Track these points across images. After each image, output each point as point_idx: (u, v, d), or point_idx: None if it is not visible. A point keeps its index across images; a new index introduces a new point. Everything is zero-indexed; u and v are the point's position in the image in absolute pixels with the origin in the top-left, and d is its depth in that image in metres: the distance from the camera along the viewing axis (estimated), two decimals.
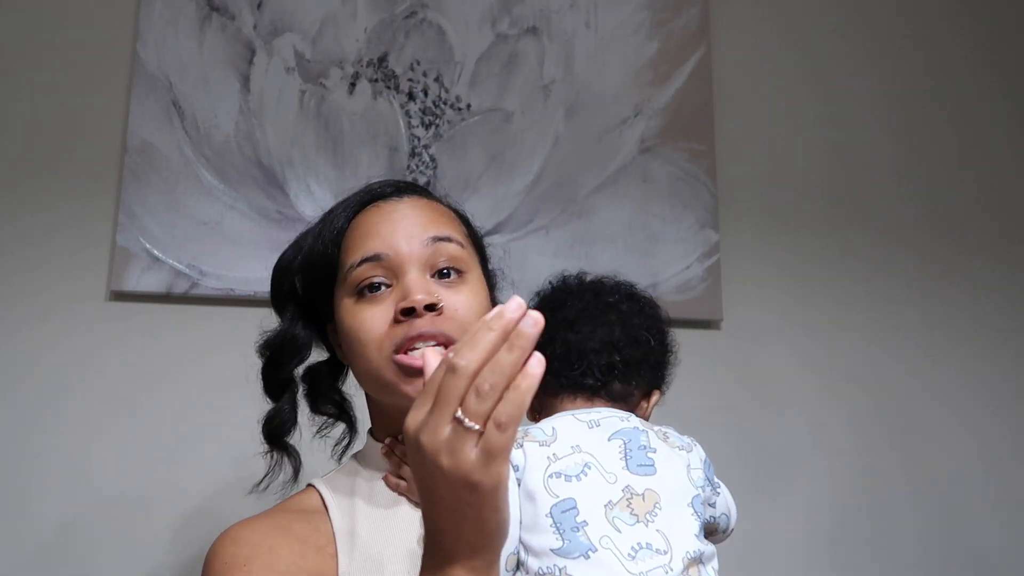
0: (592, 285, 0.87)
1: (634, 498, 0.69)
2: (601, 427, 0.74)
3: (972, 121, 1.71)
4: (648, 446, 0.73)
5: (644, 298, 0.87)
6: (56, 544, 1.25)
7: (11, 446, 1.28)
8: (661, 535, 0.68)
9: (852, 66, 1.68)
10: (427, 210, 0.82)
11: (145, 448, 1.30)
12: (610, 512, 0.68)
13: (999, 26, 1.76)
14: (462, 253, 0.81)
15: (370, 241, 0.79)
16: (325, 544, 0.76)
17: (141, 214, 1.35)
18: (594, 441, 0.73)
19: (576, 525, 0.67)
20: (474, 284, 0.81)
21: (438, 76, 1.49)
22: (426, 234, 0.79)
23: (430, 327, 0.74)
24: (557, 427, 0.74)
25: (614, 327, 0.82)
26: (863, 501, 1.51)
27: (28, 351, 1.31)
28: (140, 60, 1.39)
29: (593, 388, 0.80)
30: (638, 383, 0.81)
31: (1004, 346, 1.62)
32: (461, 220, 0.88)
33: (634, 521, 0.68)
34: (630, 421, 0.76)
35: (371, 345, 0.76)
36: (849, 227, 1.62)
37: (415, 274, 0.77)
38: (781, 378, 1.53)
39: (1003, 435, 1.58)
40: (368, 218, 0.82)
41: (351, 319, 0.78)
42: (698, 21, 1.59)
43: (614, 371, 0.80)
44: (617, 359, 0.80)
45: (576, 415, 0.76)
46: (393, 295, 0.77)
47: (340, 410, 0.90)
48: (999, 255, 1.66)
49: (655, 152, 1.54)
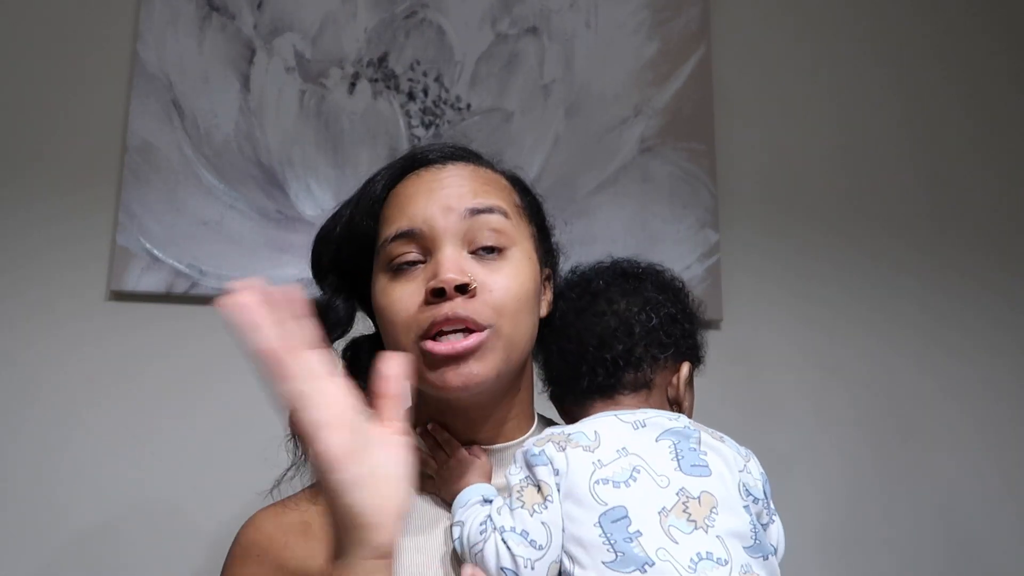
0: (579, 280, 0.82)
1: (690, 502, 0.64)
2: (648, 427, 0.69)
3: (973, 116, 1.70)
4: (699, 447, 0.68)
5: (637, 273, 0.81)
6: (55, 544, 1.25)
7: (11, 446, 1.27)
8: (721, 542, 0.63)
9: (852, 65, 1.68)
10: (471, 179, 0.76)
11: (145, 448, 1.30)
12: (665, 520, 0.63)
13: (1000, 25, 1.76)
14: (505, 225, 0.74)
15: (405, 214, 0.74)
16: None
17: (141, 214, 1.35)
18: (641, 442, 0.68)
19: (629, 536, 0.62)
20: (517, 261, 0.74)
21: (438, 76, 1.49)
22: (464, 206, 0.73)
23: (459, 310, 0.69)
24: (600, 430, 0.69)
25: (607, 318, 0.76)
26: (865, 500, 1.51)
27: (28, 351, 1.31)
28: (140, 60, 1.39)
29: (608, 386, 0.75)
30: (652, 365, 0.76)
31: (1008, 345, 1.62)
32: (515, 187, 0.81)
33: (692, 528, 0.63)
34: (679, 420, 0.71)
35: (400, 327, 0.71)
36: (850, 226, 1.62)
37: (449, 250, 0.71)
38: (781, 378, 1.53)
39: (1007, 435, 1.58)
40: (406, 188, 0.76)
41: (383, 297, 0.74)
42: (698, 21, 1.59)
43: (619, 363, 0.74)
44: (620, 348, 0.74)
45: (619, 416, 0.71)
46: (425, 272, 0.72)
47: None
48: (1002, 254, 1.66)
49: (655, 152, 1.54)
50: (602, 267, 0.83)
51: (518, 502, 0.66)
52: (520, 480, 0.68)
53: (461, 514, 0.70)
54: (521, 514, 0.65)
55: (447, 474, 0.75)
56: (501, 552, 0.64)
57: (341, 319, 0.80)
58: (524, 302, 0.73)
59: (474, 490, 0.72)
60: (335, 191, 1.38)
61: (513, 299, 0.72)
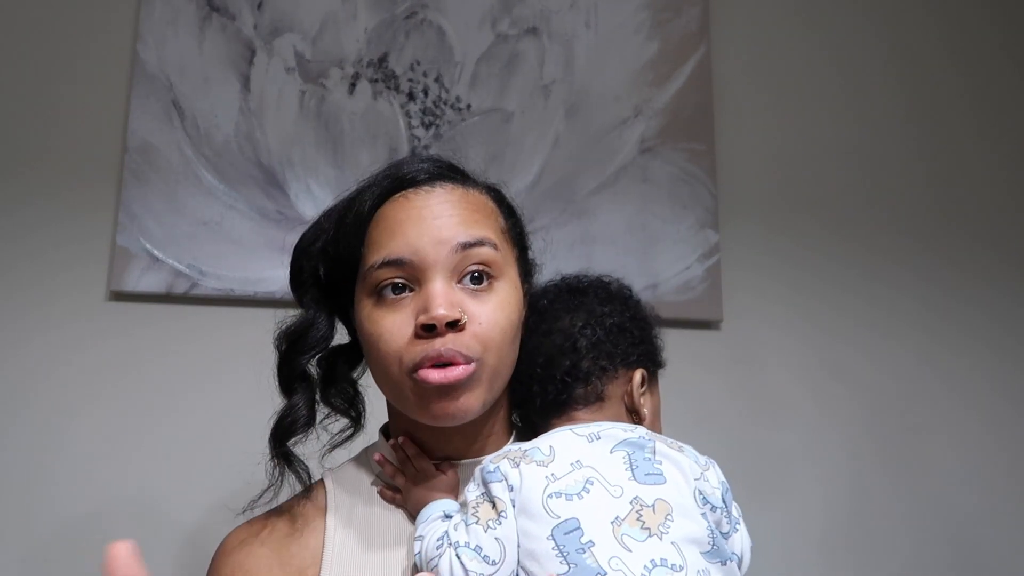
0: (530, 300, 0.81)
1: (644, 509, 0.64)
2: (602, 439, 0.70)
3: (974, 117, 1.71)
4: (654, 456, 0.69)
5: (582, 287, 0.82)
6: (54, 544, 1.25)
7: (10, 446, 1.28)
8: (676, 548, 0.63)
9: (852, 66, 1.68)
10: (460, 205, 0.75)
11: (145, 449, 1.30)
12: (618, 529, 0.63)
13: (999, 26, 1.76)
14: (494, 257, 0.74)
15: (394, 241, 0.73)
16: (308, 565, 0.75)
17: (141, 214, 1.35)
18: (596, 455, 0.68)
19: (581, 547, 0.62)
20: (504, 291, 0.75)
21: (438, 76, 1.49)
22: (456, 239, 0.72)
23: (450, 346, 0.70)
24: (555, 444, 0.70)
25: (553, 336, 0.77)
26: (863, 502, 1.51)
27: (28, 351, 1.31)
28: (140, 60, 1.39)
29: (560, 403, 0.76)
30: (601, 378, 0.76)
31: (1009, 342, 1.62)
32: (500, 207, 0.81)
33: (645, 536, 0.63)
34: (635, 432, 0.71)
35: (390, 358, 0.72)
36: (850, 226, 1.62)
37: (439, 284, 0.71)
38: (781, 378, 1.53)
39: (1009, 432, 1.58)
40: (394, 212, 0.75)
41: (370, 325, 0.74)
42: (698, 21, 1.59)
43: (567, 379, 0.75)
44: (567, 364, 0.76)
45: (575, 429, 0.72)
46: (414, 302, 0.72)
47: (350, 404, 0.84)
48: (1003, 251, 1.66)
49: (655, 152, 1.54)
50: (549, 286, 0.84)
51: (473, 518, 0.67)
52: (476, 497, 0.69)
53: (422, 528, 0.71)
54: (476, 530, 0.66)
55: (413, 489, 0.77)
56: (455, 567, 0.64)
57: (324, 335, 0.80)
58: (509, 333, 0.75)
59: (436, 505, 0.73)
60: (335, 191, 1.37)
61: (500, 332, 0.73)
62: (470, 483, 0.71)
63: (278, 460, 0.78)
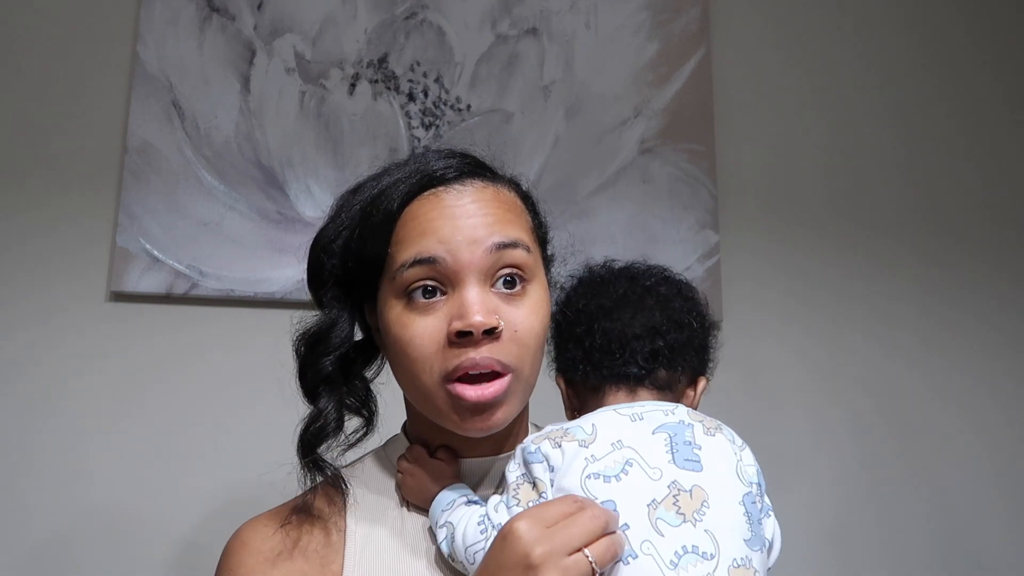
0: (625, 271, 0.81)
1: (681, 495, 0.64)
2: (645, 420, 0.69)
3: (974, 119, 1.71)
4: (694, 441, 0.68)
5: (681, 280, 0.82)
6: (52, 544, 1.25)
7: (11, 446, 1.27)
8: (709, 536, 0.63)
9: (852, 66, 1.68)
10: (493, 204, 0.73)
11: (145, 449, 1.30)
12: (653, 513, 0.63)
13: (1002, 25, 1.76)
14: (527, 259, 0.72)
15: (425, 239, 0.70)
16: (332, 560, 0.74)
17: (141, 214, 1.35)
18: (637, 435, 0.68)
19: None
20: (536, 295, 0.73)
21: (438, 77, 1.49)
22: (491, 239, 0.70)
23: (484, 356, 0.68)
24: (597, 424, 0.69)
25: (654, 311, 0.76)
26: (864, 501, 1.51)
27: (28, 351, 1.31)
28: (140, 60, 1.39)
29: (637, 377, 0.74)
30: (684, 369, 0.76)
31: (1005, 345, 1.62)
32: (526, 204, 0.79)
33: (680, 521, 0.63)
34: (675, 414, 0.71)
35: (422, 363, 0.70)
36: (849, 227, 1.62)
37: (475, 288, 0.69)
38: (781, 378, 1.53)
39: (1004, 433, 1.59)
40: (425, 211, 0.72)
41: (400, 328, 0.71)
42: (698, 22, 1.59)
43: (659, 357, 0.74)
44: (661, 344, 0.74)
45: (618, 409, 0.71)
46: (447, 306, 0.70)
47: (362, 404, 0.80)
48: (1000, 254, 1.66)
49: (655, 153, 1.54)
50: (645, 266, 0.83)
51: (514, 499, 0.67)
52: (516, 477, 0.69)
53: (447, 516, 0.71)
54: (517, 512, 0.65)
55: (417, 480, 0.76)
56: None
57: (348, 334, 0.77)
58: (542, 338, 0.73)
59: (451, 492, 0.73)
60: (335, 192, 1.35)
61: (536, 338, 0.72)
62: (510, 462, 0.71)
63: (308, 468, 0.75)
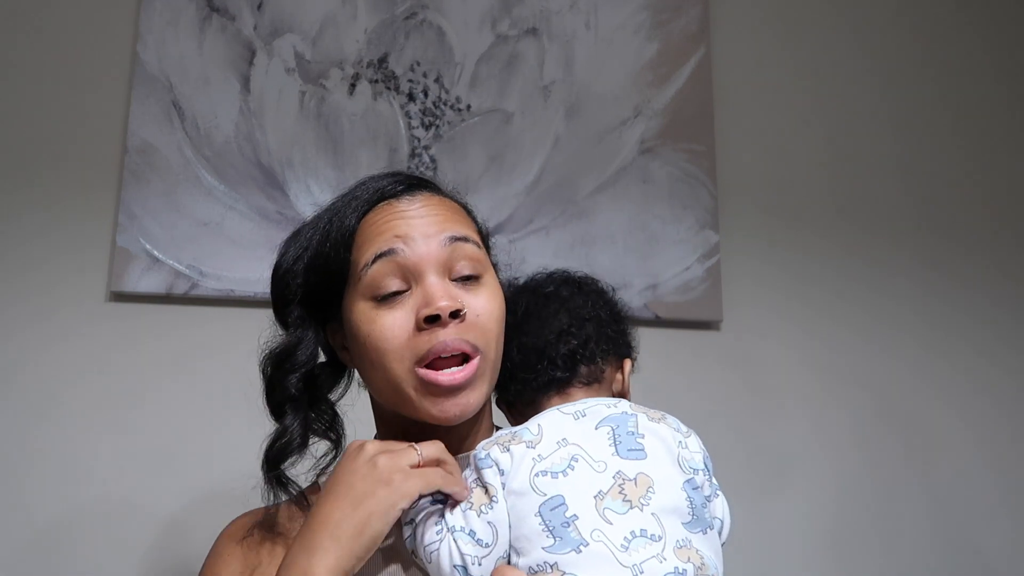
0: (525, 286, 0.87)
1: (626, 483, 0.68)
2: (587, 416, 0.73)
3: (974, 120, 1.71)
4: (637, 431, 0.72)
5: (580, 278, 0.87)
6: (52, 544, 1.25)
7: (11, 446, 1.27)
8: (656, 519, 0.66)
9: (852, 66, 1.68)
10: (442, 207, 0.78)
11: (145, 449, 1.30)
12: (601, 503, 0.66)
13: (1001, 26, 1.76)
14: (479, 253, 0.77)
15: (383, 237, 0.75)
16: None
17: (141, 215, 1.35)
18: (581, 432, 0.72)
19: (566, 521, 0.66)
20: (491, 285, 0.78)
21: (438, 77, 1.49)
22: (443, 234, 0.75)
23: (454, 337, 0.72)
24: (543, 424, 0.73)
25: (560, 315, 0.82)
26: (863, 501, 1.51)
27: (28, 351, 1.31)
28: (140, 60, 1.39)
29: (563, 380, 0.79)
30: (603, 359, 0.81)
31: (1004, 345, 1.62)
32: (471, 218, 0.84)
33: (627, 508, 0.66)
34: (618, 407, 0.75)
35: (392, 354, 0.72)
36: (849, 227, 1.62)
37: (435, 278, 0.73)
38: (781, 379, 1.53)
39: (1003, 434, 1.59)
40: (380, 216, 0.77)
41: (369, 325, 0.74)
42: (698, 22, 1.59)
43: (576, 356, 0.79)
44: (574, 343, 0.80)
45: (561, 409, 0.75)
46: (412, 299, 0.73)
47: (329, 427, 0.83)
48: (1000, 255, 1.66)
49: (655, 153, 1.54)
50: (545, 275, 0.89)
51: (467, 503, 0.71)
52: (469, 483, 0.72)
53: (411, 514, 0.74)
54: (470, 515, 0.69)
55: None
56: (452, 551, 0.68)
57: (312, 352, 0.80)
58: (502, 324, 0.78)
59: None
60: (335, 192, 1.35)
61: (497, 322, 0.76)
62: (465, 470, 0.74)
63: (271, 484, 0.79)
